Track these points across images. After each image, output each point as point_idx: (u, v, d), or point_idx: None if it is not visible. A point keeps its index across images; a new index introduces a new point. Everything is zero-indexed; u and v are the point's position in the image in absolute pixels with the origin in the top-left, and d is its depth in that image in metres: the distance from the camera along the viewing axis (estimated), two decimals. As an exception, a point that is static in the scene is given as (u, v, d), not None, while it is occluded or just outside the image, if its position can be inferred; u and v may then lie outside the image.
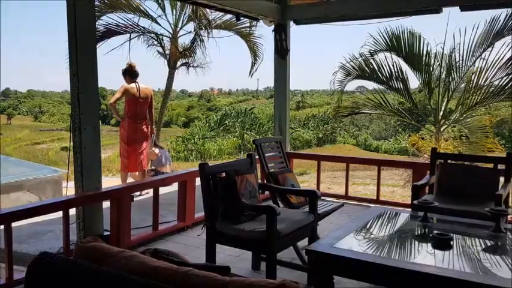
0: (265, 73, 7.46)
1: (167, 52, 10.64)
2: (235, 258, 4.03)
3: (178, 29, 10.72)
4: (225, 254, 3.96)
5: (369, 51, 7.85)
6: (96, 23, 7.66)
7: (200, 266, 1.82)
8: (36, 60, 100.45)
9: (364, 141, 34.33)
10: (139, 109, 6.48)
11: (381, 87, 8.15)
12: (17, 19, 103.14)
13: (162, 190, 5.03)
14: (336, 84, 8.18)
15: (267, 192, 5.22)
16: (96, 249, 1.82)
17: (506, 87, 6.64)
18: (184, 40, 10.93)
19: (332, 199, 5.81)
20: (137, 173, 6.63)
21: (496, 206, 3.50)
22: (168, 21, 10.79)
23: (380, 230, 3.59)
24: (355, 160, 7.95)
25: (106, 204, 4.21)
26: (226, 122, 30.67)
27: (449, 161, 4.61)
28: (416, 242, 3.23)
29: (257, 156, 4.41)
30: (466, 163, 4.81)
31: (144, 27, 9.85)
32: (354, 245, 3.09)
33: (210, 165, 3.59)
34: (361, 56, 7.93)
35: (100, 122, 4.33)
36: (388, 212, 3.96)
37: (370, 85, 8.58)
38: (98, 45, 5.07)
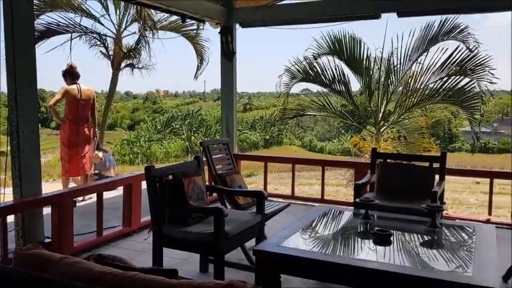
0: (212, 75, 7.46)
1: (111, 53, 10.36)
2: (182, 262, 4.01)
3: (122, 29, 10.49)
4: (172, 257, 3.93)
5: (313, 55, 8.06)
6: (36, 22, 7.34)
7: (147, 270, 1.81)
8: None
9: (309, 143, 35.13)
10: (81, 111, 6.28)
11: (325, 89, 8.39)
12: None
13: (107, 195, 4.90)
14: (282, 86, 8.33)
15: (214, 194, 5.21)
16: (36, 256, 1.76)
17: (440, 90, 7.05)
18: (128, 41, 10.71)
19: (279, 199, 5.90)
20: (79, 177, 6.41)
21: (431, 202, 3.70)
22: (112, 21, 10.55)
23: (324, 228, 3.70)
24: (300, 161, 8.13)
25: (47, 210, 4.05)
26: (173, 124, 30.24)
27: (388, 160, 4.83)
28: (359, 239, 3.36)
29: (205, 159, 4.40)
30: (404, 162, 5.05)
31: (86, 27, 9.57)
32: (300, 243, 3.17)
33: (156, 168, 3.55)
34: (305, 60, 8.13)
35: (39, 125, 4.16)
36: (332, 211, 4.09)
37: (315, 88, 8.81)
38: (37, 45, 4.88)
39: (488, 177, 5.58)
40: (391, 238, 3.12)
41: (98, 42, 9.99)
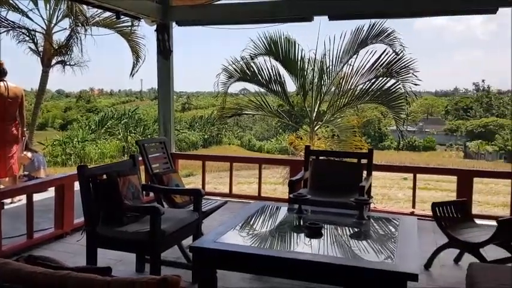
0: (150, 73, 7.34)
1: (40, 49, 9.88)
2: (117, 262, 3.95)
3: (52, 25, 10.02)
4: (107, 258, 3.86)
5: (250, 55, 8.17)
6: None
7: (79, 269, 1.80)
8: None
9: (248, 142, 35.48)
10: (8, 110, 5.97)
11: (262, 89, 8.54)
12: None
13: (37, 197, 4.71)
14: (220, 86, 8.37)
15: (151, 194, 5.18)
16: (-39, 259, 1.71)
17: (369, 91, 7.43)
18: (59, 37, 10.27)
19: (217, 198, 5.96)
20: (7, 178, 6.10)
21: (359, 196, 3.93)
22: (41, 16, 10.05)
23: (259, 223, 3.81)
24: (238, 159, 8.23)
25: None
26: (109, 123, 29.30)
27: (320, 157, 5.05)
28: (292, 232, 3.52)
29: (141, 158, 4.37)
30: (335, 159, 5.30)
31: (13, 22, 9.03)
32: (235, 239, 3.25)
33: (90, 167, 3.49)
34: (242, 59, 8.21)
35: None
36: (268, 206, 4.22)
37: (253, 88, 8.94)
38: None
39: (412, 173, 5.97)
40: (322, 231, 3.28)
41: (27, 38, 9.51)
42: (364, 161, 4.82)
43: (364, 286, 2.69)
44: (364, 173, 4.78)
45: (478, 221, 4.30)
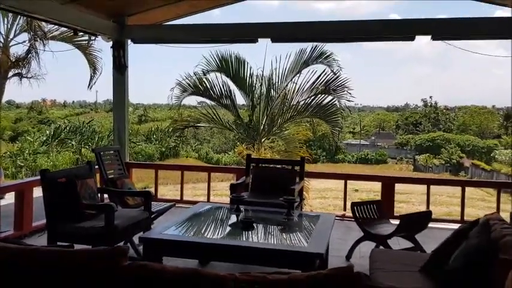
0: (105, 85, 7.76)
1: (-4, 61, 10.08)
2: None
3: (10, 38, 10.24)
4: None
5: (202, 71, 8.75)
6: None
7: (45, 247, 2.29)
8: None
9: (205, 155, 35.73)
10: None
11: (213, 103, 9.12)
12: None
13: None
14: (174, 99, 8.90)
15: (106, 196, 5.61)
16: None
17: (309, 106, 8.19)
18: (17, 50, 10.49)
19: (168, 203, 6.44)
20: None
21: (289, 197, 4.57)
22: (-1, 29, 10.25)
23: (202, 218, 4.37)
24: (188, 168, 8.75)
25: None
26: (62, 135, 28.90)
27: (260, 164, 5.68)
28: (229, 226, 4.11)
29: (97, 166, 4.84)
30: (274, 166, 5.96)
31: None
32: (179, 230, 3.80)
33: (51, 171, 3.95)
34: (195, 75, 8.79)
35: None
36: (211, 206, 4.78)
37: (209, 101, 9.48)
38: None
39: (343, 179, 6.73)
40: (254, 224, 3.89)
41: (-17, 51, 9.70)
42: (297, 168, 5.49)
43: (285, 264, 3.29)
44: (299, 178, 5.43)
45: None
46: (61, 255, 2.12)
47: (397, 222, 4.86)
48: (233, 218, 4.32)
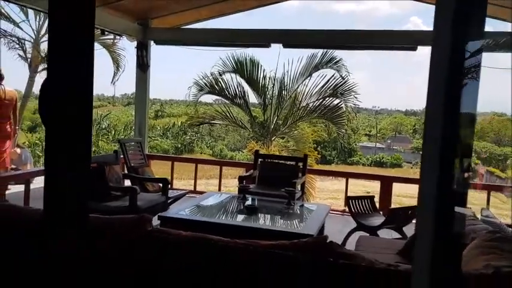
0: (124, 80, 8.37)
1: (29, 56, 10.81)
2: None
3: (41, 35, 10.97)
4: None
5: (218, 72, 9.34)
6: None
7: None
8: None
9: (219, 152, 36.35)
10: (4, 110, 6.91)
11: (228, 102, 9.71)
12: None
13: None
14: (191, 97, 9.52)
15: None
16: None
17: (317, 108, 8.72)
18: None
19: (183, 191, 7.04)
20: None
21: (290, 188, 5.11)
22: (31, 26, 10.99)
23: (211, 204, 4.94)
24: (202, 161, 9.35)
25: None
26: (82, 127, 29.69)
27: (266, 160, 6.25)
28: (235, 211, 4.68)
29: (121, 156, 5.45)
30: (281, 162, 6.51)
31: (5, 30, 9.98)
32: (192, 212, 4.38)
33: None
34: (212, 75, 9.39)
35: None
36: (220, 195, 5.36)
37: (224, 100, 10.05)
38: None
39: (345, 177, 7.24)
40: (257, 211, 4.45)
41: (17, 46, 10.43)
42: (300, 163, 6.04)
43: (280, 245, 3.86)
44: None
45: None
46: (105, 222, 2.71)
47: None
48: (239, 205, 4.89)
